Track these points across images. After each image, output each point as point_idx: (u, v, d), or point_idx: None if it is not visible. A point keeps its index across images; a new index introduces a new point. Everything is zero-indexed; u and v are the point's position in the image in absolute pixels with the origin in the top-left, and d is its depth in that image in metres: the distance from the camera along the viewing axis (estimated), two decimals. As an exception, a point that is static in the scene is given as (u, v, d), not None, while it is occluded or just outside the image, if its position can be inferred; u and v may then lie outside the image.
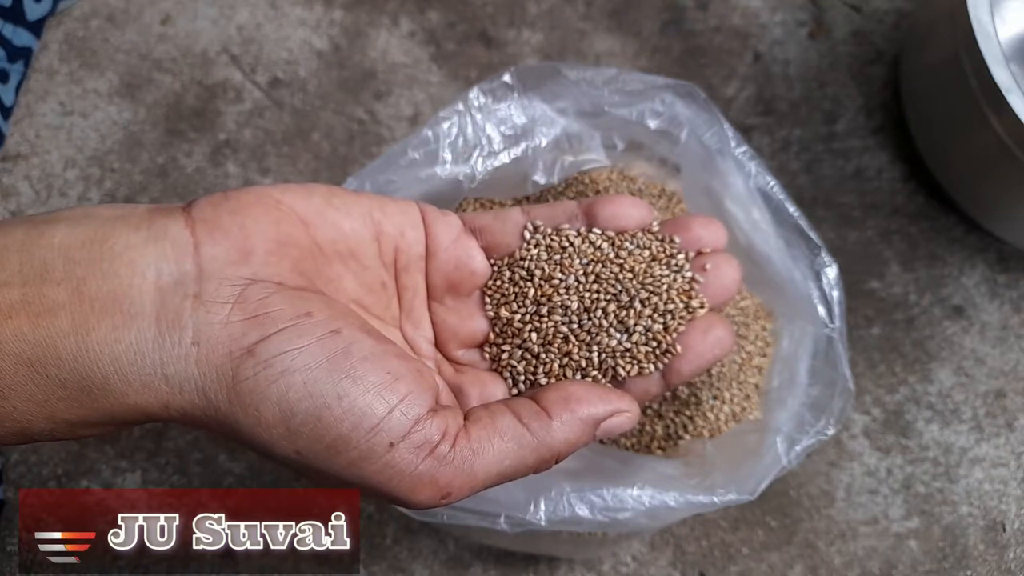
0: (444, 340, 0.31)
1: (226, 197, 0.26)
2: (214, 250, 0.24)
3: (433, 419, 0.25)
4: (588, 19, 0.57)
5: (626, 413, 0.28)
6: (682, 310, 0.31)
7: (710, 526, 0.48)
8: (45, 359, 0.22)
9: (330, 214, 0.27)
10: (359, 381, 0.24)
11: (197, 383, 0.23)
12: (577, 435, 0.27)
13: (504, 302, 0.31)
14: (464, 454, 0.25)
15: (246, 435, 0.24)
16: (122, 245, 0.24)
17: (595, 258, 0.31)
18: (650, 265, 0.31)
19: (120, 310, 0.23)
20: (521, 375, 0.30)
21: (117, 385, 0.23)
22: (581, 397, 0.27)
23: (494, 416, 0.26)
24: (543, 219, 0.31)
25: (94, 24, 0.56)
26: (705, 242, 0.32)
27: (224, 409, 0.24)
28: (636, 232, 0.31)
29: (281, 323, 0.24)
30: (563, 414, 0.27)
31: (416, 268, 0.30)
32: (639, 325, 0.30)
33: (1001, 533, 0.48)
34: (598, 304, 0.30)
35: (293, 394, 0.23)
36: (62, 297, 0.23)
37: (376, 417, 0.24)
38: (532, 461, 0.26)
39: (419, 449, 0.24)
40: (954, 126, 0.49)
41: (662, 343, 0.30)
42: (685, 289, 0.31)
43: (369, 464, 0.24)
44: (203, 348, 0.23)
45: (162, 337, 0.23)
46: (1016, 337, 0.51)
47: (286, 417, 0.23)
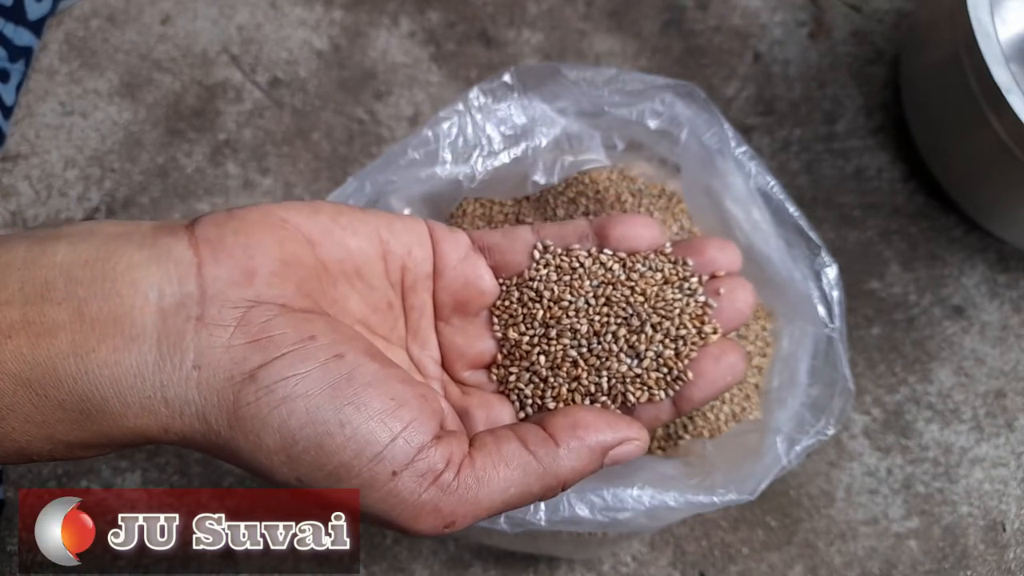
0: (451, 361, 0.30)
1: (231, 216, 0.25)
2: (217, 271, 0.24)
3: (437, 447, 0.24)
4: (588, 19, 0.57)
5: (635, 441, 0.27)
6: (694, 335, 0.30)
7: (710, 526, 0.48)
8: (44, 380, 0.22)
9: (336, 232, 0.27)
10: (362, 408, 0.23)
11: (197, 407, 0.23)
12: (584, 463, 0.26)
13: (512, 323, 0.30)
14: (468, 483, 0.24)
15: (246, 460, 0.24)
16: (125, 265, 0.23)
17: (606, 280, 0.30)
18: (662, 288, 0.30)
19: (121, 332, 0.23)
20: (529, 398, 0.30)
21: (116, 407, 0.23)
22: (589, 424, 0.27)
23: (500, 443, 0.26)
24: (553, 238, 0.31)
25: (94, 24, 0.56)
26: (719, 265, 0.31)
27: (224, 434, 0.23)
28: (648, 254, 0.31)
29: (284, 347, 0.23)
30: (570, 441, 0.26)
31: (423, 287, 0.29)
32: (650, 350, 0.29)
33: (1001, 533, 0.48)
34: (608, 328, 0.30)
35: (295, 421, 0.23)
36: (63, 317, 0.22)
37: (379, 445, 0.23)
38: (538, 489, 0.26)
39: (422, 478, 0.24)
40: (954, 126, 0.49)
41: (673, 369, 0.29)
42: (698, 314, 0.30)
43: (371, 492, 0.24)
44: (204, 372, 0.23)
45: (163, 360, 0.23)
46: (1016, 337, 0.51)
47: (287, 444, 0.23)
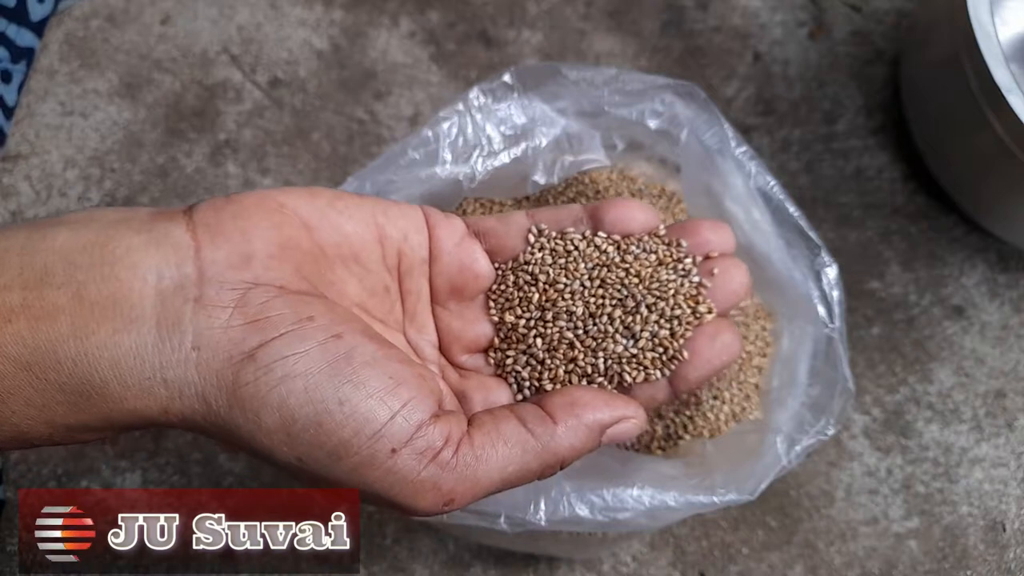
0: (448, 344, 0.30)
1: (228, 201, 0.26)
2: (215, 254, 0.24)
3: (436, 424, 0.24)
4: (588, 19, 0.57)
5: (632, 420, 0.28)
6: (689, 315, 0.30)
7: (710, 526, 0.48)
8: (44, 363, 0.22)
9: (333, 217, 0.27)
10: (361, 386, 0.24)
11: (197, 388, 0.23)
12: (583, 441, 0.27)
13: (508, 307, 0.30)
14: (467, 460, 0.25)
15: (246, 440, 0.24)
16: (123, 249, 0.23)
17: (600, 262, 0.30)
18: (656, 270, 0.30)
19: (120, 314, 0.23)
20: (526, 381, 0.30)
21: (116, 390, 0.23)
22: (587, 403, 0.27)
23: (498, 421, 0.26)
24: (547, 222, 0.31)
25: (94, 24, 0.56)
26: (713, 246, 0.31)
27: (224, 414, 0.23)
28: (642, 236, 0.31)
29: (282, 327, 0.24)
30: (568, 420, 0.26)
31: (420, 272, 0.29)
32: (645, 331, 0.30)
33: (1001, 533, 0.48)
34: (603, 310, 0.30)
35: (294, 399, 0.23)
36: (62, 301, 0.23)
37: (378, 423, 0.23)
38: (536, 467, 0.26)
39: (421, 455, 0.24)
40: (954, 126, 0.49)
41: (669, 349, 0.30)
42: (692, 294, 0.30)
43: (371, 470, 0.24)
44: (203, 352, 0.23)
45: (162, 341, 0.23)
46: (1016, 337, 0.51)
47: (287, 423, 0.23)
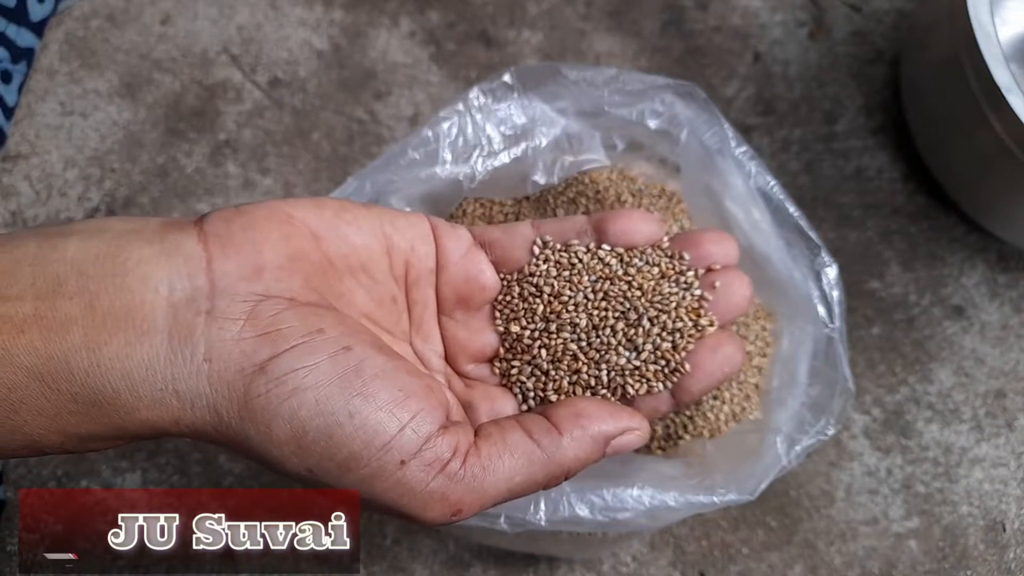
0: (454, 354, 0.31)
1: (239, 212, 0.26)
2: (226, 265, 0.24)
3: (444, 436, 0.25)
4: (588, 19, 0.57)
5: (636, 431, 0.28)
6: (691, 328, 0.30)
7: (710, 526, 0.48)
8: (57, 373, 0.22)
9: (341, 228, 0.27)
10: (371, 399, 0.24)
11: (208, 399, 0.23)
12: (587, 452, 0.27)
13: (514, 317, 0.31)
14: (475, 471, 0.25)
15: (257, 452, 0.24)
16: (135, 260, 0.24)
17: (603, 275, 0.31)
18: (659, 283, 0.31)
19: (133, 325, 0.23)
20: (531, 391, 0.30)
21: (128, 400, 0.23)
22: (592, 414, 0.27)
23: (504, 432, 0.26)
24: (552, 234, 0.31)
25: (94, 24, 0.56)
26: (716, 258, 0.31)
27: (235, 426, 0.24)
28: (646, 248, 0.31)
29: (293, 340, 0.24)
30: (574, 431, 0.27)
31: (426, 282, 0.30)
32: (648, 343, 0.30)
33: (1001, 533, 0.48)
34: (606, 322, 0.30)
35: (305, 412, 0.23)
36: (75, 311, 0.23)
37: (387, 435, 0.24)
38: (542, 477, 0.26)
39: (430, 467, 0.24)
40: (954, 126, 0.49)
41: (671, 362, 0.30)
42: (694, 307, 0.31)
43: (380, 482, 0.24)
44: (215, 365, 0.23)
45: (174, 353, 0.23)
46: (1016, 337, 0.51)
47: (297, 435, 0.23)
